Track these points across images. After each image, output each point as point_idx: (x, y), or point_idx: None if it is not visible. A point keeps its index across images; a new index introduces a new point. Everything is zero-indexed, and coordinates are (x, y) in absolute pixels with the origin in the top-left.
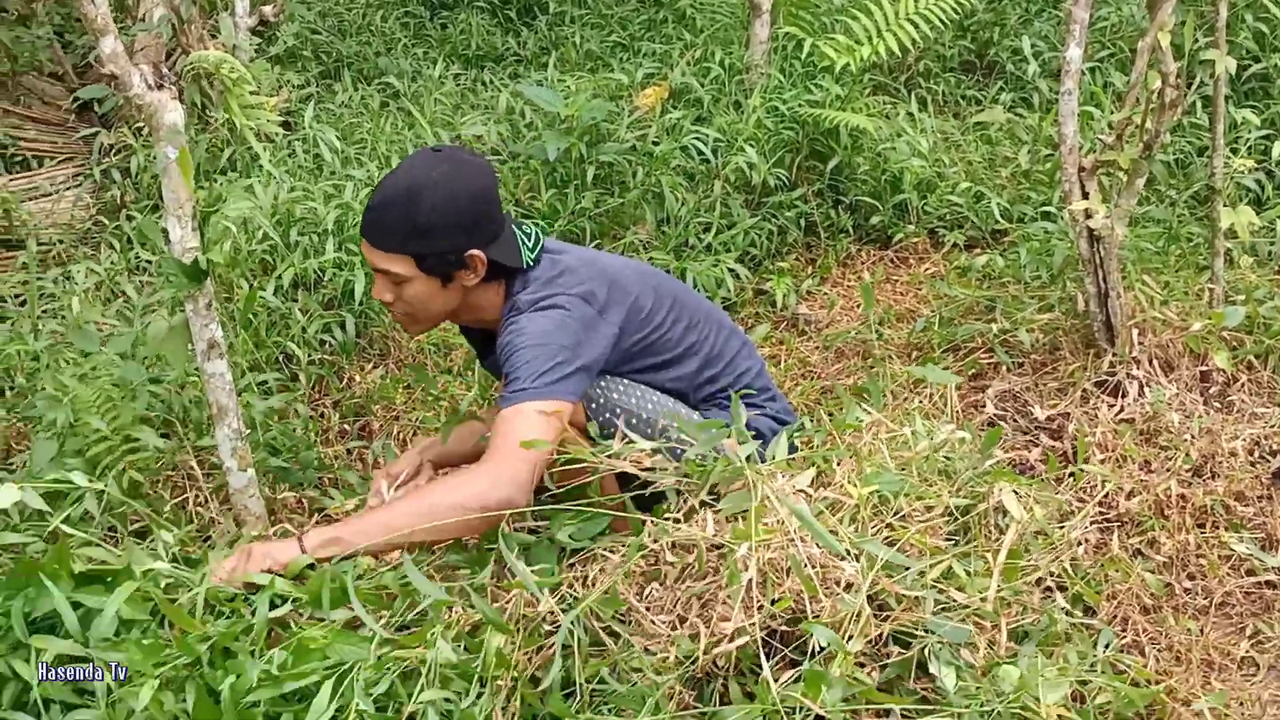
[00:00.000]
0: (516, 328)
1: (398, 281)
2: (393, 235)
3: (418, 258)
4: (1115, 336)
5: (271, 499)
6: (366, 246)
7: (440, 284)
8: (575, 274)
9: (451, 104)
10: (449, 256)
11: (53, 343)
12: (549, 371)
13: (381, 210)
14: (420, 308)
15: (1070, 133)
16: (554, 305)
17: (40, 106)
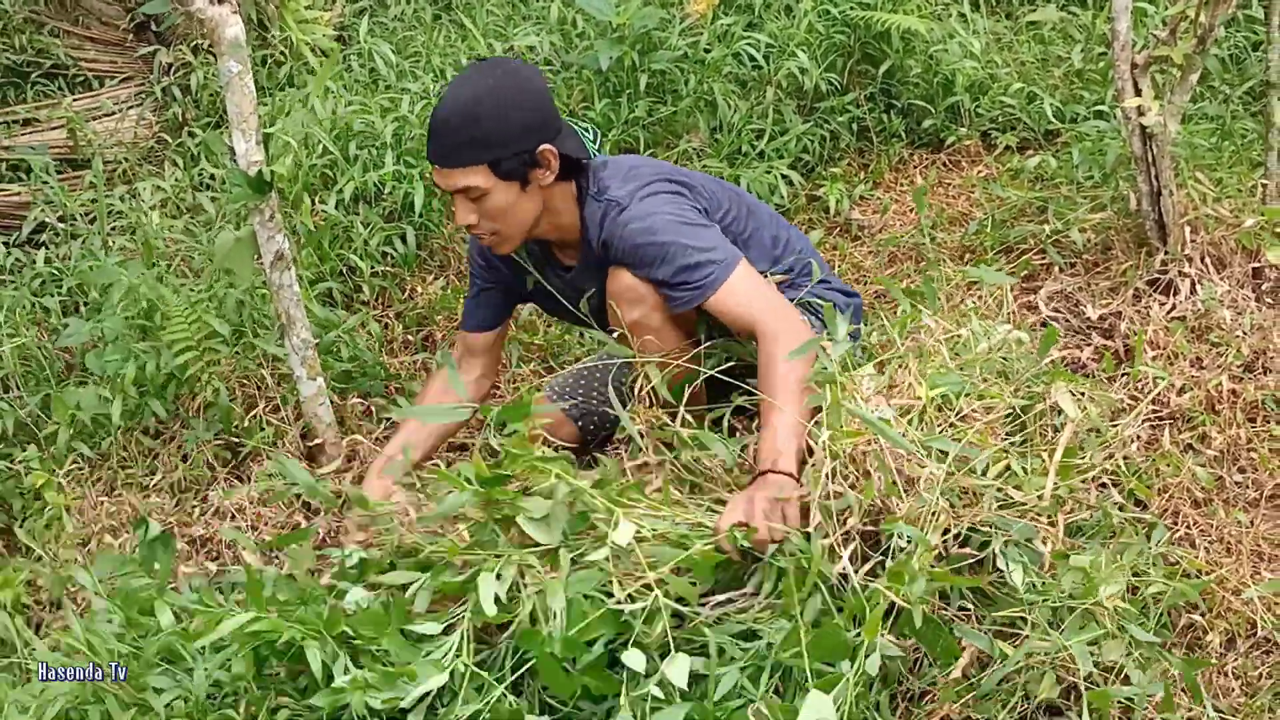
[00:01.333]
0: (638, 221)
1: (477, 197)
2: (464, 149)
3: (493, 164)
4: (1167, 234)
5: (340, 406)
6: (439, 173)
7: (519, 187)
8: (646, 169)
9: (503, 15)
10: (523, 155)
11: (124, 259)
12: (711, 242)
13: (447, 128)
14: (506, 220)
15: (1123, 29)
16: (656, 192)
17: (99, 26)
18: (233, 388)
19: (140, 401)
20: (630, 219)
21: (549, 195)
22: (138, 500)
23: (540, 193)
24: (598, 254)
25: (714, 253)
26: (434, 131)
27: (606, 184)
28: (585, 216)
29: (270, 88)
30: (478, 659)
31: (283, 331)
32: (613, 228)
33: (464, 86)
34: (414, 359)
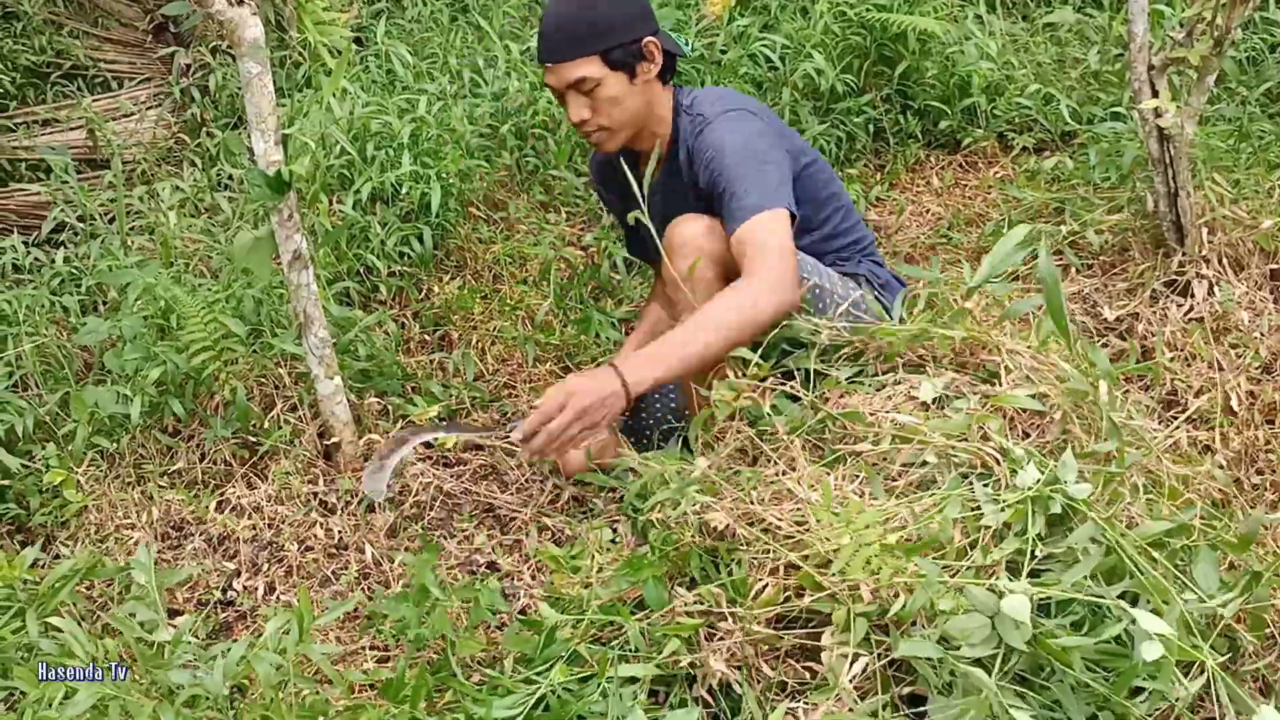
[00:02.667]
0: (716, 137)
1: (590, 89)
2: (580, 40)
3: (604, 54)
4: (1185, 236)
5: (358, 406)
6: (552, 69)
7: (628, 79)
8: (745, 99)
9: (520, 16)
10: (631, 46)
11: (143, 259)
12: (768, 180)
13: (561, 22)
14: (617, 111)
15: (1140, 31)
16: (745, 110)
17: (118, 28)
18: (250, 386)
19: (159, 400)
20: (711, 132)
21: (652, 94)
22: (156, 496)
23: (645, 88)
24: (685, 165)
25: (763, 189)
26: (548, 31)
27: (699, 100)
28: (679, 127)
29: (288, 89)
30: None
31: (300, 330)
32: (698, 140)
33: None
34: (431, 358)
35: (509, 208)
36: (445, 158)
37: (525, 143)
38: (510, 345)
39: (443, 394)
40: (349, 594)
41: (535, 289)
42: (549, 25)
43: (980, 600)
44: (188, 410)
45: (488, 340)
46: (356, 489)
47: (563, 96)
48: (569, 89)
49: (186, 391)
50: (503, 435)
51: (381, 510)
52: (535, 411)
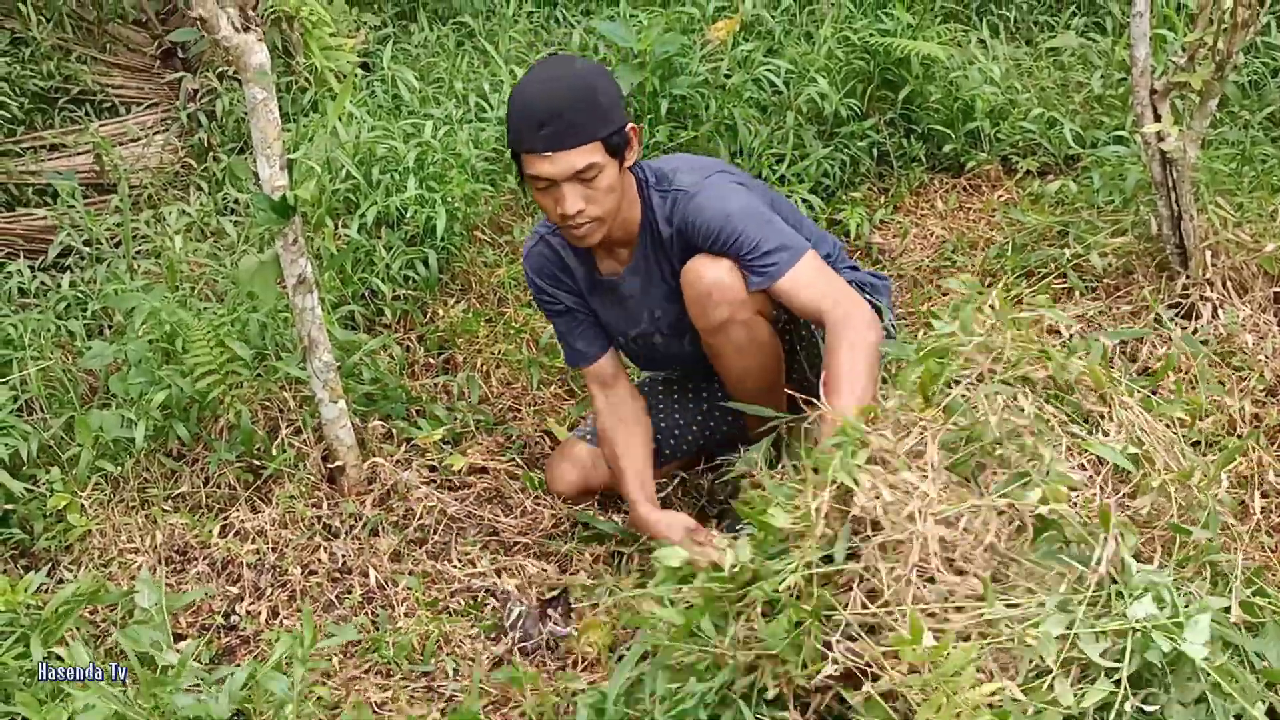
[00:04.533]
0: (714, 203)
1: (591, 177)
2: (584, 127)
3: (604, 140)
4: (1188, 259)
5: (362, 429)
6: (552, 158)
7: (619, 165)
8: (706, 162)
9: (526, 41)
10: (622, 132)
11: (148, 283)
12: (781, 228)
13: (561, 107)
14: (610, 200)
15: (1142, 55)
16: (723, 181)
17: (126, 53)
18: (255, 410)
19: (164, 424)
20: (705, 202)
21: (627, 180)
22: (160, 520)
23: (624, 175)
24: (665, 248)
25: (785, 237)
26: (547, 120)
27: (669, 175)
28: (652, 207)
29: (294, 114)
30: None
31: (305, 354)
32: (686, 214)
33: (558, 71)
34: (435, 381)
35: (514, 231)
36: (450, 181)
37: None
38: (515, 368)
39: (447, 417)
40: (353, 618)
41: (540, 312)
42: (544, 111)
43: None
44: (192, 434)
45: (492, 363)
46: (360, 513)
47: (551, 188)
48: (569, 179)
49: (191, 415)
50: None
51: (385, 533)
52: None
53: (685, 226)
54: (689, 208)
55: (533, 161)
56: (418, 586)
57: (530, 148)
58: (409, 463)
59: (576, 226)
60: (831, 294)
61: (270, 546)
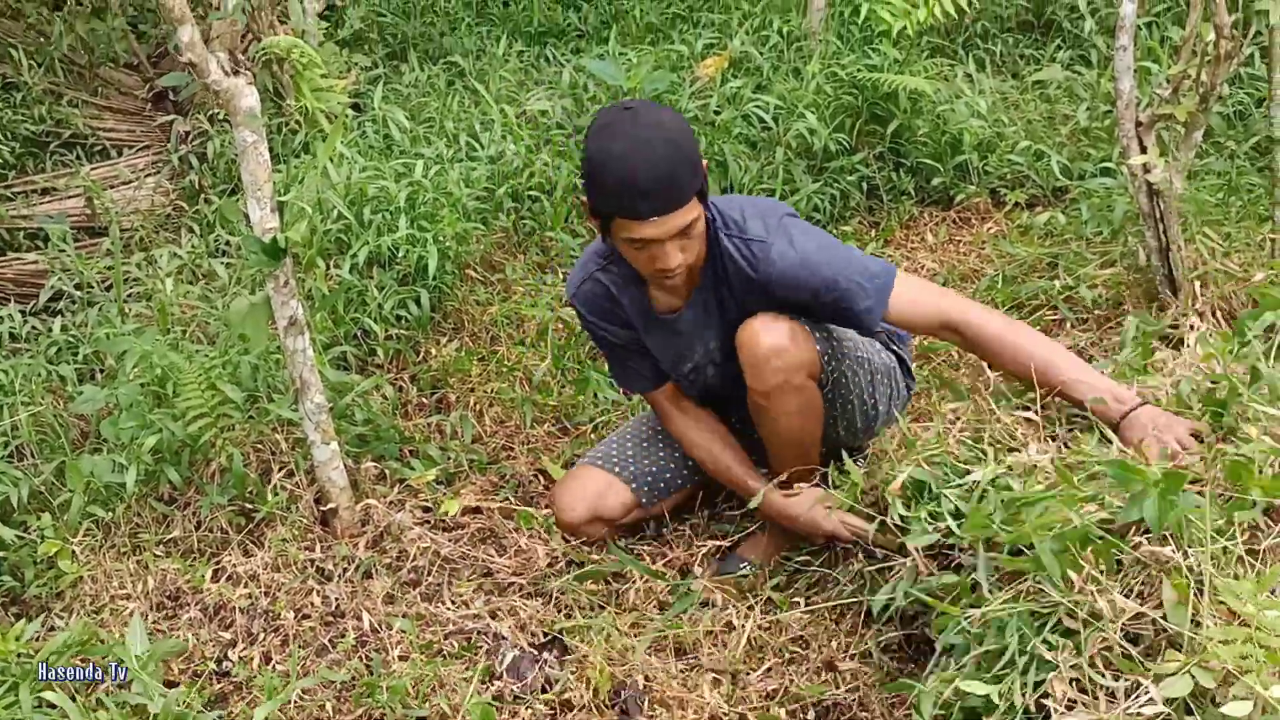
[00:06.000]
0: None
1: (691, 231)
2: (686, 187)
3: (699, 194)
4: (1178, 289)
5: (355, 470)
6: (658, 223)
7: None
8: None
9: (516, 80)
10: (705, 176)
11: (140, 326)
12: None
13: (666, 169)
14: (700, 244)
15: (1126, 88)
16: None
17: (117, 96)
18: (247, 453)
19: (155, 468)
20: (785, 253)
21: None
22: (151, 566)
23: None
24: (733, 288)
25: (872, 263)
26: (653, 186)
27: (739, 221)
28: (722, 251)
29: (285, 155)
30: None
31: (297, 396)
32: (770, 267)
33: (650, 133)
34: (428, 421)
35: (506, 269)
36: (442, 221)
37: (522, 205)
38: (508, 407)
39: (440, 457)
40: (346, 662)
41: (533, 350)
42: (649, 179)
43: None
44: (184, 478)
45: (485, 402)
46: (353, 555)
47: (649, 246)
48: (674, 237)
49: (183, 459)
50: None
51: (378, 576)
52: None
53: (773, 274)
54: (771, 260)
55: (634, 227)
56: (411, 629)
57: (635, 215)
58: (402, 504)
59: (671, 276)
60: (945, 297)
61: (263, 591)
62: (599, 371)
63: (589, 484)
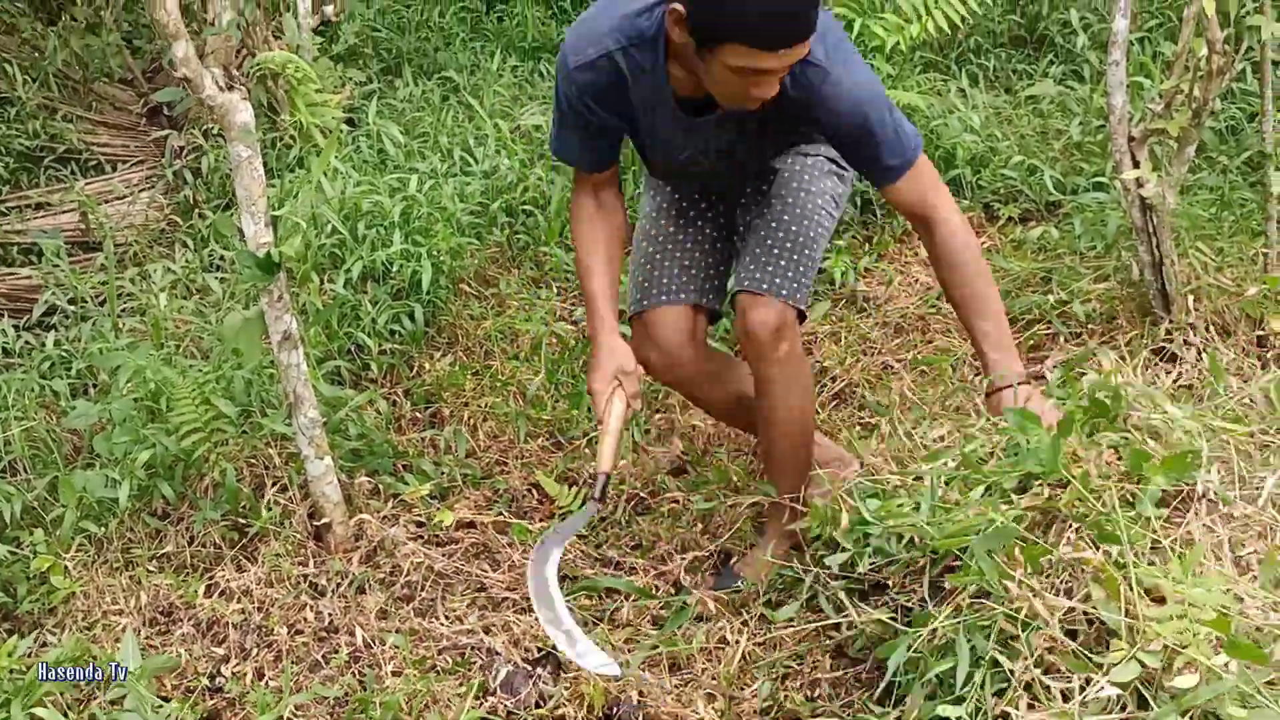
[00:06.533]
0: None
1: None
2: (814, 18)
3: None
4: (1171, 304)
5: (348, 485)
6: (783, 55)
7: None
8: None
9: (510, 95)
10: None
11: (133, 341)
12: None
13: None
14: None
15: (1119, 103)
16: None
17: (112, 112)
18: (240, 468)
19: (148, 483)
20: (839, 82)
21: None
22: (144, 581)
23: None
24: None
25: (906, 123)
26: (795, 14)
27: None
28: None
29: (280, 169)
30: None
31: (290, 411)
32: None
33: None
34: (422, 436)
35: (500, 284)
36: (436, 235)
37: (516, 219)
38: (502, 421)
39: (434, 472)
40: (339, 678)
41: (527, 365)
42: (795, 6)
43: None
44: (177, 493)
45: (479, 416)
46: (346, 570)
47: (755, 75)
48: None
49: (176, 474)
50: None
51: (371, 591)
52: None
53: (815, 100)
54: (823, 90)
55: (758, 56)
56: (404, 645)
57: (765, 45)
58: (396, 518)
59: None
60: (940, 190)
61: (256, 606)
62: None
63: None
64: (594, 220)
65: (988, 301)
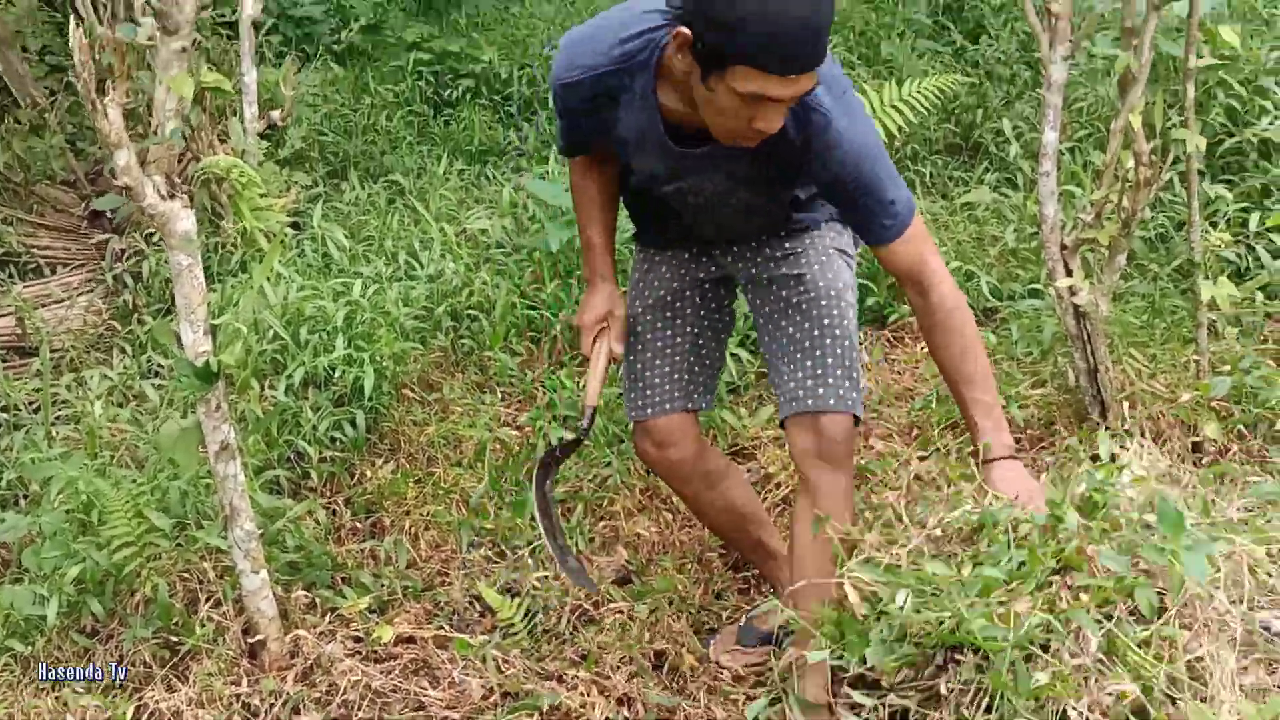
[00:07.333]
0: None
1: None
2: (826, 44)
3: None
4: (1107, 410)
5: (284, 599)
6: (796, 81)
7: None
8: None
9: (456, 199)
10: None
11: (67, 450)
12: (897, 180)
13: (820, 26)
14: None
15: (1051, 213)
16: (856, 109)
17: (53, 214)
18: (173, 582)
19: (77, 599)
20: (843, 132)
21: None
22: (71, 704)
23: None
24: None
25: (903, 185)
26: (808, 39)
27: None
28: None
29: (222, 273)
30: None
31: (226, 523)
32: (818, 140)
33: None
34: (362, 546)
35: (444, 389)
36: (379, 340)
37: (461, 324)
38: (444, 530)
39: (373, 584)
40: None
41: (470, 471)
42: (808, 30)
43: None
44: (107, 609)
45: (421, 525)
46: (281, 690)
47: (761, 103)
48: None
49: (106, 589)
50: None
51: (307, 711)
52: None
53: (817, 148)
54: (828, 133)
55: (766, 82)
56: None
57: (775, 69)
58: (333, 634)
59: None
60: (934, 253)
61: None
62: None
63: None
64: (587, 173)
65: (978, 368)
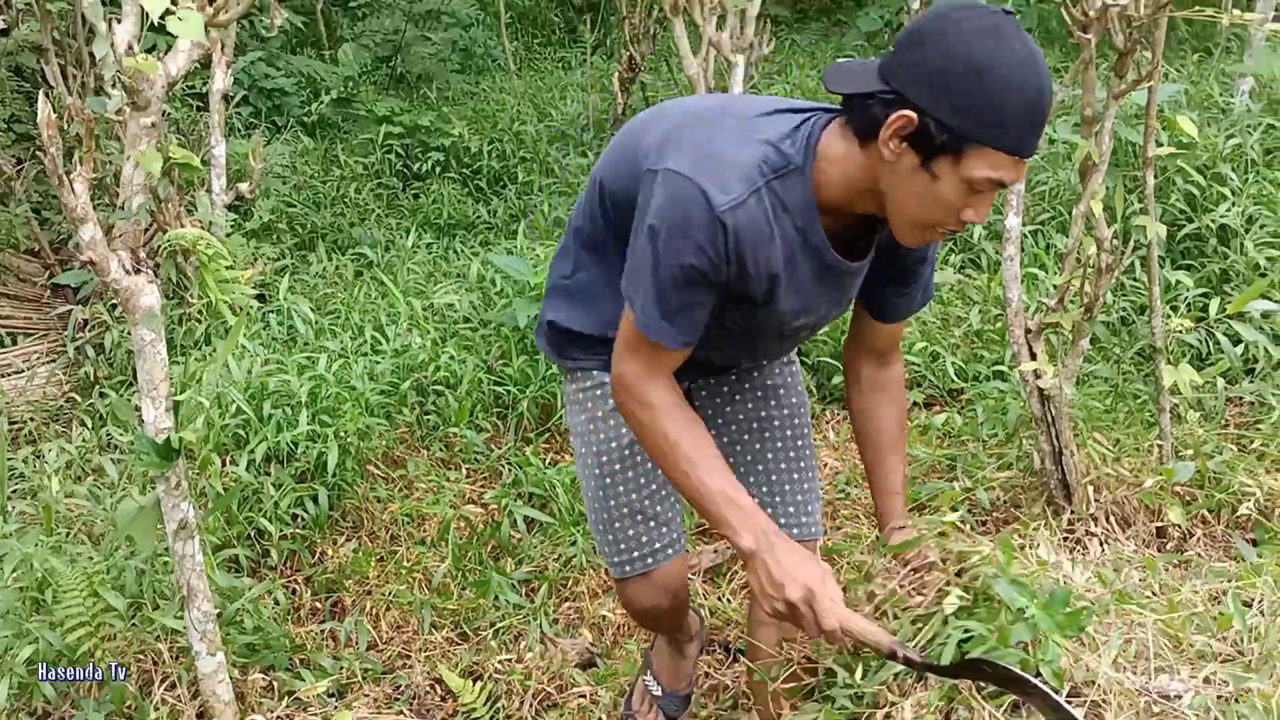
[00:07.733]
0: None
1: None
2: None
3: None
4: (1072, 493)
5: (241, 682)
6: (1025, 164)
7: None
8: None
9: (424, 272)
10: None
11: (22, 526)
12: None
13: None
14: None
15: (1015, 296)
16: None
17: (16, 283)
18: (128, 664)
19: (29, 681)
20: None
21: None
22: None
23: None
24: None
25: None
26: (1045, 115)
27: None
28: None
29: (186, 346)
30: None
31: (183, 604)
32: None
33: (1035, 49)
34: (322, 627)
35: (408, 465)
36: (344, 416)
37: (426, 399)
38: (406, 610)
39: (333, 667)
40: None
41: (433, 549)
42: (1047, 106)
43: None
44: (59, 692)
45: (382, 605)
46: None
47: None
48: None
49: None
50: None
51: None
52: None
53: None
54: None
55: (1005, 165)
56: None
57: (1018, 149)
58: (290, 719)
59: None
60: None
61: None
62: (500, 572)
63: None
64: (685, 409)
65: (903, 443)
